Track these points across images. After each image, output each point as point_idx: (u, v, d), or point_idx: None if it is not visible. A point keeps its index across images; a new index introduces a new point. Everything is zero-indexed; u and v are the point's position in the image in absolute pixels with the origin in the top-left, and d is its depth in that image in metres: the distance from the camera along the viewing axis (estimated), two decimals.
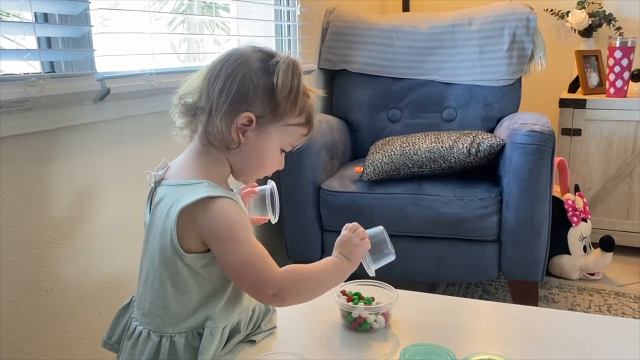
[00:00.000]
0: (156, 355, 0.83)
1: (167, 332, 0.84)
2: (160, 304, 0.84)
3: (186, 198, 0.79)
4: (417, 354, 0.86)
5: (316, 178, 1.97)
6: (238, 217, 0.81)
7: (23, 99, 1.07)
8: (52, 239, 1.22)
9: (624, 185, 2.47)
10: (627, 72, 2.46)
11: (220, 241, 0.80)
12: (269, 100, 0.82)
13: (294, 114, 0.85)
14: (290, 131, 0.87)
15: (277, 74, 0.81)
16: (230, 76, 0.81)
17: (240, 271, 0.80)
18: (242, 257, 0.79)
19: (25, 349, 1.17)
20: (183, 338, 0.84)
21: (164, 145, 1.50)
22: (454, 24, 2.37)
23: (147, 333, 0.85)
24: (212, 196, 0.80)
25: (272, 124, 0.84)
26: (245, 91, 0.81)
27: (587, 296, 2.14)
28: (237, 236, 0.80)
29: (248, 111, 0.81)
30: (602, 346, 0.91)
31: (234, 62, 0.83)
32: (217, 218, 0.79)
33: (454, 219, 1.83)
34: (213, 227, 0.79)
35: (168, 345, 0.83)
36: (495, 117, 2.29)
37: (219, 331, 0.84)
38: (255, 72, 0.82)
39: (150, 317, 0.86)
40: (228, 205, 0.81)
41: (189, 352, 0.83)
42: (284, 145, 0.89)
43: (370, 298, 1.00)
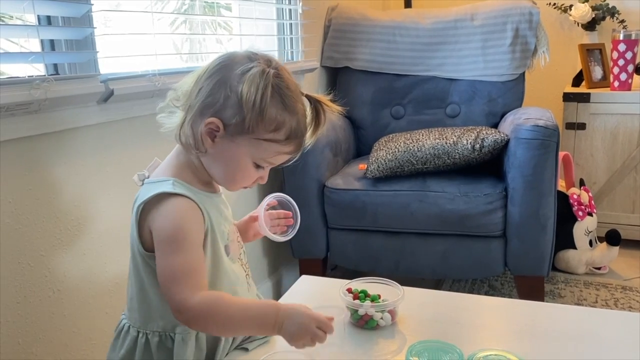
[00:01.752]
0: (133, 350, 0.85)
1: (143, 328, 0.85)
2: (135, 300, 0.86)
3: (146, 194, 0.80)
4: (424, 350, 0.86)
5: (320, 176, 1.97)
6: (185, 222, 0.79)
7: (27, 102, 1.07)
8: (58, 240, 1.22)
9: (630, 179, 2.46)
10: (631, 65, 2.45)
11: (158, 240, 0.79)
12: (238, 110, 0.78)
13: (268, 128, 0.79)
14: (264, 146, 0.81)
15: (244, 83, 0.77)
16: (209, 79, 0.80)
17: (163, 278, 0.78)
18: (170, 264, 0.77)
19: (33, 350, 1.18)
20: (157, 337, 0.84)
21: (168, 146, 1.50)
22: (457, 19, 2.36)
23: (128, 327, 0.87)
24: (168, 192, 0.79)
25: (242, 135, 0.79)
26: (217, 96, 0.79)
27: (593, 290, 2.14)
28: (174, 242, 0.78)
29: (216, 116, 0.79)
30: (609, 340, 0.90)
31: (217, 65, 0.81)
32: (163, 216, 0.79)
33: (459, 215, 1.83)
34: (157, 225, 0.79)
35: (143, 342, 0.84)
36: (499, 112, 2.28)
37: (191, 337, 0.83)
38: (232, 78, 0.79)
39: (131, 312, 0.88)
40: (181, 206, 0.79)
41: (163, 353, 0.84)
42: (257, 160, 0.83)
43: (377, 295, 1.00)
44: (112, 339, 0.90)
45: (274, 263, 2.20)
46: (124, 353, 0.86)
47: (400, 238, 1.92)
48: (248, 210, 1.07)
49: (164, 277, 0.78)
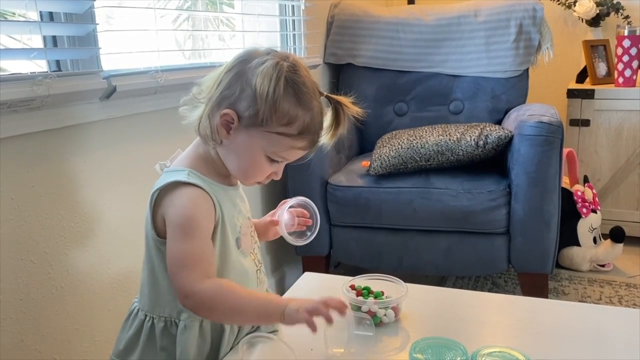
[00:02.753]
0: (139, 332, 0.88)
1: (150, 312, 0.88)
2: (145, 283, 0.89)
3: (162, 182, 0.82)
4: (427, 347, 0.85)
5: (323, 173, 1.96)
6: (195, 211, 0.81)
7: (30, 98, 1.07)
8: (61, 237, 1.22)
9: (634, 176, 2.45)
10: (635, 61, 2.43)
11: (170, 227, 0.81)
12: (253, 102, 0.80)
13: (280, 122, 0.80)
14: (276, 140, 0.82)
15: (257, 76, 0.79)
16: (228, 73, 0.82)
17: (171, 263, 0.80)
18: (179, 250, 0.79)
19: (36, 347, 1.18)
20: (162, 322, 0.86)
21: (171, 143, 1.50)
22: (460, 15, 2.35)
23: (137, 310, 0.90)
24: (181, 181, 0.81)
25: (256, 128, 0.81)
26: (234, 89, 0.81)
27: (597, 288, 2.13)
28: (185, 229, 0.80)
29: (231, 108, 0.81)
30: (613, 337, 0.90)
31: (236, 59, 0.84)
32: (176, 204, 0.81)
33: (462, 212, 1.82)
34: (169, 212, 0.81)
35: (149, 326, 0.87)
36: (502, 108, 2.27)
37: (194, 325, 0.85)
38: (248, 72, 0.81)
39: (141, 296, 0.90)
40: (193, 195, 0.81)
41: (167, 338, 0.86)
42: (270, 154, 0.84)
43: (380, 292, 1.00)
44: (124, 320, 0.93)
45: (277, 260, 2.20)
46: (131, 334, 0.89)
47: (404, 235, 1.92)
48: (261, 207, 1.06)
49: (172, 262, 0.80)
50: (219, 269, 0.85)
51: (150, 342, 0.86)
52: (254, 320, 0.86)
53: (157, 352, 0.86)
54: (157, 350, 0.86)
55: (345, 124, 0.88)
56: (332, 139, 0.88)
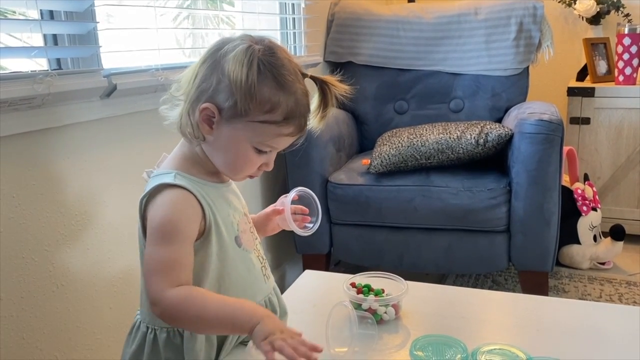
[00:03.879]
0: (142, 345, 0.84)
1: (151, 324, 0.84)
2: (143, 294, 0.84)
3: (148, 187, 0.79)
4: (427, 345, 0.86)
5: (323, 171, 1.96)
6: (177, 214, 0.77)
7: (31, 97, 1.07)
8: (62, 235, 1.22)
9: (634, 174, 2.45)
10: (636, 59, 2.43)
11: (149, 230, 0.77)
12: (230, 92, 0.75)
13: (262, 109, 0.76)
14: (260, 129, 0.77)
15: (229, 63, 0.75)
16: (203, 65, 0.78)
17: (146, 270, 0.77)
18: (153, 255, 0.76)
19: (38, 345, 1.18)
20: (165, 334, 0.82)
21: (171, 141, 1.50)
22: (460, 13, 2.35)
23: (139, 323, 0.86)
24: (166, 184, 0.78)
25: (238, 119, 0.76)
26: (210, 81, 0.77)
27: (597, 286, 2.13)
28: (163, 234, 0.76)
29: (210, 102, 0.76)
30: (613, 335, 0.90)
31: (211, 49, 0.79)
32: (157, 206, 0.77)
33: (463, 210, 1.82)
34: (151, 214, 0.78)
35: (152, 338, 0.83)
36: (503, 107, 2.27)
37: None
38: (222, 62, 0.76)
39: (141, 307, 0.86)
40: (176, 199, 0.78)
41: (171, 350, 0.82)
42: (257, 144, 0.79)
43: (380, 290, 1.00)
44: (127, 334, 0.89)
45: (278, 258, 2.20)
46: (134, 348, 0.84)
47: (404, 233, 1.92)
48: (261, 206, 1.06)
49: (146, 266, 0.77)
50: (219, 270, 0.82)
51: (154, 355, 0.83)
52: (219, 329, 0.80)
53: None
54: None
55: (334, 104, 0.83)
56: (321, 121, 0.83)
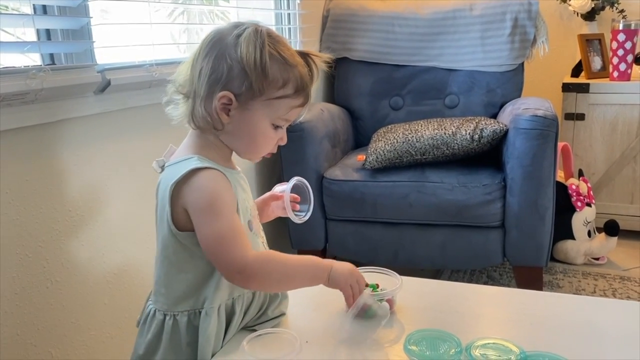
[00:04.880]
0: (160, 333, 0.85)
1: (171, 310, 0.85)
2: (162, 283, 0.86)
3: (177, 174, 0.80)
4: (422, 339, 0.86)
5: (319, 167, 1.96)
6: (219, 190, 0.81)
7: (24, 92, 1.07)
8: (56, 231, 1.22)
9: (628, 170, 2.46)
10: (630, 55, 2.44)
11: (197, 212, 0.80)
12: (243, 76, 0.79)
13: (276, 86, 0.81)
14: (277, 105, 0.83)
15: (240, 47, 0.79)
16: (206, 57, 0.81)
17: (212, 245, 0.79)
18: (215, 230, 0.79)
19: (32, 341, 1.18)
20: (185, 317, 0.84)
21: (165, 136, 1.49)
22: (455, 9, 2.35)
23: (154, 312, 0.87)
24: (198, 167, 0.80)
25: (255, 100, 0.81)
26: (220, 70, 0.80)
27: (591, 281, 2.14)
28: (214, 209, 0.79)
29: (225, 90, 0.80)
30: (607, 328, 0.90)
31: (209, 42, 0.82)
32: (198, 189, 0.80)
33: (457, 206, 1.83)
34: (192, 198, 0.80)
35: (171, 323, 0.84)
36: (498, 102, 2.28)
37: (214, 311, 0.84)
38: (228, 49, 0.80)
39: (157, 295, 0.88)
40: (212, 177, 0.81)
41: (192, 332, 0.84)
42: (275, 120, 0.85)
43: (375, 285, 1.00)
44: (140, 324, 0.91)
45: None
46: (150, 337, 0.86)
47: (399, 229, 1.92)
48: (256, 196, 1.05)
49: (211, 243, 0.79)
50: None
51: (174, 340, 0.85)
52: (304, 283, 0.87)
53: (182, 349, 0.84)
54: (182, 347, 0.84)
55: (319, 75, 0.89)
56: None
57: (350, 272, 0.86)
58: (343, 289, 0.85)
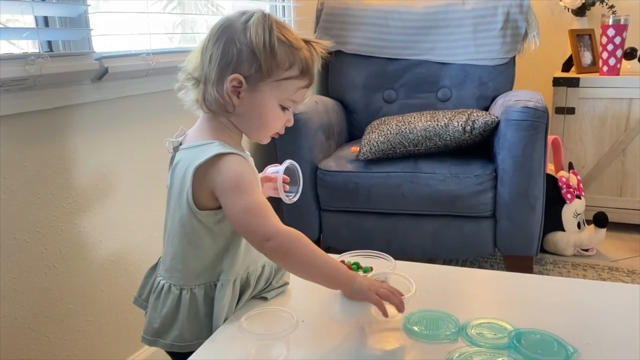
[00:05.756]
0: (177, 306, 0.89)
1: (188, 285, 0.89)
2: (179, 259, 0.90)
3: (200, 157, 0.84)
4: (422, 319, 0.88)
5: (313, 158, 1.98)
6: (245, 171, 0.85)
7: (22, 78, 1.08)
8: (54, 217, 1.23)
9: (617, 163, 2.50)
10: (619, 50, 2.47)
11: (226, 191, 0.84)
12: (252, 59, 0.84)
13: (283, 67, 0.86)
14: (284, 86, 0.87)
15: (249, 31, 0.83)
16: (217, 43, 0.85)
17: (243, 217, 0.83)
18: (245, 204, 0.83)
19: (30, 326, 1.19)
20: (202, 290, 0.89)
21: (161, 125, 1.51)
22: (448, 3, 2.38)
23: (168, 286, 0.91)
24: (223, 153, 0.84)
25: (263, 82, 0.85)
26: (230, 54, 0.84)
27: (581, 271, 2.18)
28: (242, 187, 0.84)
29: (235, 73, 0.84)
30: (594, 309, 0.93)
31: (218, 29, 0.86)
32: (225, 171, 0.84)
33: (449, 196, 1.85)
34: (220, 180, 0.84)
35: (188, 297, 0.89)
36: (489, 96, 2.31)
37: (229, 283, 0.88)
38: (237, 34, 0.84)
39: (171, 271, 0.91)
40: (236, 160, 0.85)
41: (208, 304, 0.89)
42: (282, 101, 0.89)
43: (369, 267, 1.02)
44: (152, 300, 0.93)
45: None
46: (167, 310, 0.89)
47: (392, 219, 1.95)
48: None
49: (242, 217, 0.83)
50: None
51: (192, 312, 0.88)
52: (321, 278, 0.88)
53: (200, 320, 0.88)
54: (200, 318, 0.88)
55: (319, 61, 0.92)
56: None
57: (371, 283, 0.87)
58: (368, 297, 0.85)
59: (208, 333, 0.87)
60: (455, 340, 0.83)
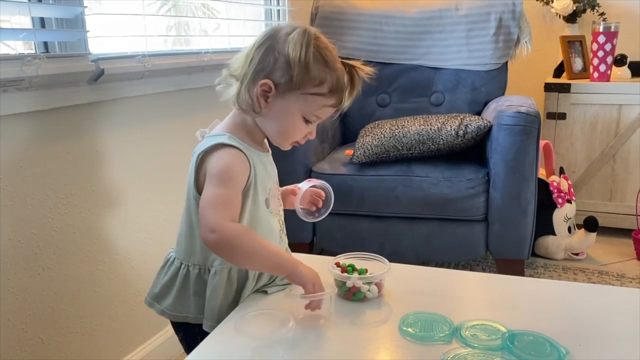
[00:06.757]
0: (174, 278, 0.97)
1: (186, 261, 0.97)
2: (183, 236, 0.98)
3: (206, 145, 0.91)
4: (417, 320, 0.89)
5: (307, 161, 1.99)
6: (233, 165, 0.90)
7: (19, 78, 1.08)
8: (48, 218, 1.23)
9: (607, 168, 2.53)
10: (610, 56, 2.50)
11: (209, 177, 0.90)
12: (287, 69, 0.89)
13: (313, 83, 0.90)
14: (310, 100, 0.91)
15: (289, 44, 0.88)
16: (259, 48, 0.91)
17: (205, 206, 0.87)
18: (212, 193, 0.88)
19: (23, 327, 1.19)
20: (197, 270, 0.96)
21: (157, 126, 1.52)
22: (442, 8, 2.40)
23: (173, 258, 0.99)
24: (223, 143, 0.90)
25: (292, 92, 0.90)
26: (267, 61, 0.90)
27: (571, 275, 2.20)
28: (222, 177, 0.88)
29: (267, 79, 0.89)
30: (585, 310, 0.94)
31: (265, 35, 0.92)
32: (216, 159, 0.90)
33: (442, 200, 1.87)
34: (209, 166, 0.90)
35: (184, 272, 0.96)
36: (482, 100, 2.33)
37: (223, 271, 0.94)
38: (278, 44, 0.90)
39: (178, 246, 0.99)
40: (232, 154, 0.90)
41: (200, 283, 0.95)
42: (306, 114, 0.93)
43: (364, 269, 1.03)
44: (159, 267, 1.02)
45: None
46: (166, 280, 0.98)
47: (386, 222, 1.96)
48: None
49: (204, 203, 0.88)
50: (249, 223, 0.94)
51: (184, 287, 0.96)
52: (267, 267, 0.93)
53: (189, 296, 0.95)
54: (189, 294, 0.95)
55: (360, 86, 0.97)
56: (349, 99, 0.97)
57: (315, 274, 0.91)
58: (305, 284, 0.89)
59: (194, 311, 0.95)
60: (450, 341, 0.84)
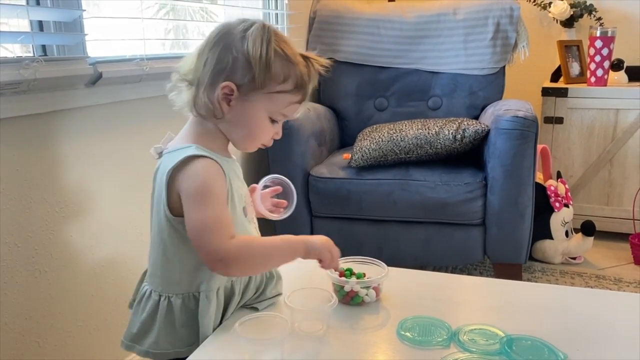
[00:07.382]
0: (154, 313, 0.89)
1: (165, 292, 0.89)
2: (158, 265, 0.90)
3: (173, 161, 0.83)
4: (415, 325, 0.89)
5: (305, 165, 1.99)
6: (211, 180, 0.83)
7: (17, 81, 1.08)
8: (45, 222, 1.23)
9: (604, 172, 2.53)
10: (607, 61, 2.51)
11: (187, 198, 0.82)
12: (247, 68, 0.83)
13: (277, 80, 0.85)
14: (276, 99, 0.86)
15: (247, 41, 0.83)
16: (213, 48, 0.85)
17: (196, 231, 0.82)
18: (201, 218, 0.81)
19: (19, 331, 1.18)
20: (180, 299, 0.88)
21: (155, 130, 1.51)
22: (439, 13, 2.40)
23: (149, 292, 0.91)
24: (194, 155, 0.83)
25: (255, 92, 0.84)
26: (225, 61, 0.83)
27: (569, 279, 2.20)
28: (203, 197, 0.82)
29: (228, 80, 0.83)
30: (582, 315, 0.95)
31: (217, 34, 0.86)
32: (190, 176, 0.83)
33: (440, 204, 1.87)
34: (185, 184, 0.83)
35: (166, 304, 0.88)
36: (479, 105, 2.33)
37: (213, 294, 0.88)
38: (235, 42, 0.84)
39: (152, 277, 0.91)
40: (205, 166, 0.83)
41: (185, 313, 0.88)
42: (273, 114, 0.88)
43: (362, 273, 1.03)
44: (135, 304, 0.93)
45: None
46: (145, 316, 0.89)
47: (383, 226, 1.96)
48: None
49: (195, 229, 0.82)
50: None
51: (168, 320, 0.88)
52: (283, 260, 0.90)
53: (176, 330, 0.87)
54: (176, 328, 0.87)
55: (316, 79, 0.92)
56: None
57: (327, 239, 0.91)
58: (321, 254, 0.89)
59: (185, 343, 0.87)
60: (448, 346, 0.84)
